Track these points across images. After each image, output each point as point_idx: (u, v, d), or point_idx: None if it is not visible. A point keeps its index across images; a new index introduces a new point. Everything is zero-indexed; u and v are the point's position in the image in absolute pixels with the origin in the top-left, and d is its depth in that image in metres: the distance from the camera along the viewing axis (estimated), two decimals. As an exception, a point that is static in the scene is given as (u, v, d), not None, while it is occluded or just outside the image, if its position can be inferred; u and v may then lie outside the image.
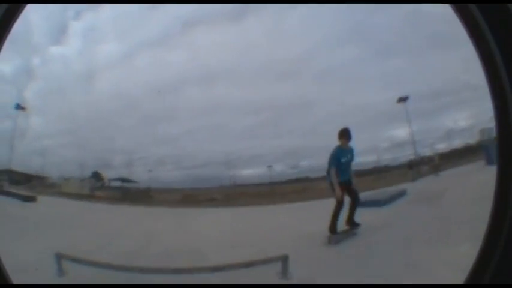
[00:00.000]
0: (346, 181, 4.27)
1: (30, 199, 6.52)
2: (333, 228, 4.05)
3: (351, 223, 4.20)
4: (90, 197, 6.65)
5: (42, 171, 6.62)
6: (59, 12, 5.98)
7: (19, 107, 6.05)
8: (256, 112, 5.36)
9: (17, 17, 1.00)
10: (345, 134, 4.37)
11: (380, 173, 5.61)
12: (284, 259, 3.24)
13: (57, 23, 6.00)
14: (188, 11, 5.21)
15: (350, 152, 4.42)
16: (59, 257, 3.67)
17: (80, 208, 6.44)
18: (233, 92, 5.37)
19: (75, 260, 3.64)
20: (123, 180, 6.61)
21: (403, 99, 4.69)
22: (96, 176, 6.75)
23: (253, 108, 5.24)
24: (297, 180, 5.69)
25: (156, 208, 5.99)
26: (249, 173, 5.81)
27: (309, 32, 4.80)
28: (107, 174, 6.58)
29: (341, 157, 4.33)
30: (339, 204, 4.11)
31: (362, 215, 4.29)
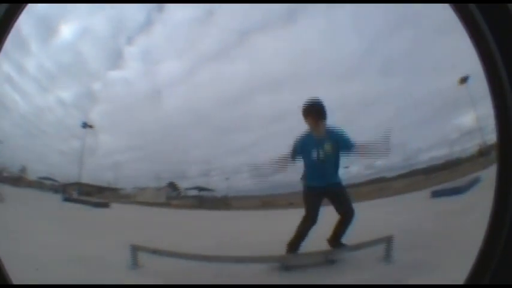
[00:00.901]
0: (321, 187, 2.86)
1: (102, 205, 6.59)
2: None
3: (335, 243, 2.86)
4: (166, 205, 6.79)
5: (114, 184, 6.86)
6: (110, 40, 6.24)
7: (86, 125, 6.23)
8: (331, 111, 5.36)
9: (17, 17, 1.00)
10: (311, 112, 2.81)
11: (452, 165, 5.41)
12: (388, 240, 2.70)
13: (110, 50, 6.27)
14: (239, 22, 5.36)
15: (328, 140, 2.80)
16: (135, 249, 3.60)
17: (156, 213, 6.55)
18: (300, 95, 5.39)
19: (150, 251, 3.49)
20: (199, 188, 6.69)
21: (464, 80, 4.44)
22: (172, 185, 6.89)
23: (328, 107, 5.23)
24: (374, 181, 5.54)
25: (234, 212, 6.09)
26: None
27: (360, 28, 4.84)
28: (183, 184, 6.78)
29: (307, 149, 2.84)
30: (305, 221, 2.84)
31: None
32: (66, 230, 5.53)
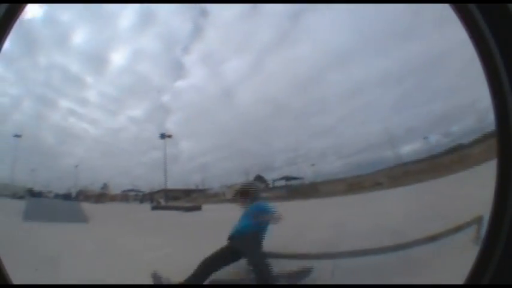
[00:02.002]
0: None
1: (193, 209, 6.60)
2: None
3: None
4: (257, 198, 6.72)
5: (202, 185, 6.89)
6: (166, 54, 6.34)
7: (164, 136, 6.37)
8: (397, 81, 5.06)
9: (17, 17, 1.00)
10: (241, 194, 3.79)
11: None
12: (479, 221, 2.80)
13: (170, 63, 6.36)
14: (284, 5, 5.24)
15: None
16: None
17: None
18: (366, 67, 5.13)
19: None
20: (287, 178, 6.67)
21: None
22: (260, 178, 6.85)
23: (394, 78, 4.95)
24: (454, 149, 5.36)
25: (323, 199, 5.97)
26: (407, 149, 5.55)
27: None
28: (271, 176, 6.74)
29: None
30: None
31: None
32: (163, 240, 5.42)
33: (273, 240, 4.66)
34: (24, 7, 1.02)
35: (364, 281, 3.05)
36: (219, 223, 5.90)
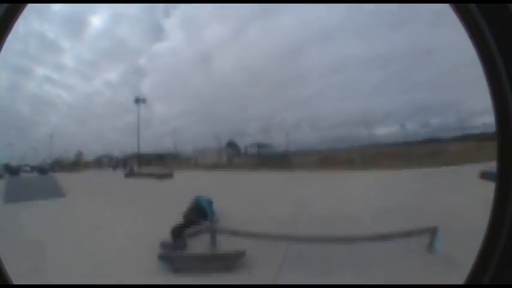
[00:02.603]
0: None
1: (166, 176, 6.60)
2: None
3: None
4: (228, 165, 6.69)
5: (174, 149, 6.85)
6: (145, 17, 6.21)
7: (138, 100, 6.34)
8: (383, 66, 5.02)
9: (17, 17, 1.00)
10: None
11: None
12: (433, 231, 3.04)
13: (148, 26, 6.25)
14: None
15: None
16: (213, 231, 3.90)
17: (219, 178, 6.51)
18: (353, 47, 5.09)
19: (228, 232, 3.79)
20: (259, 145, 6.62)
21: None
22: (232, 144, 6.85)
23: (380, 62, 4.92)
24: (429, 141, 5.35)
25: (294, 173, 5.96)
26: (383, 131, 5.56)
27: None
28: (243, 142, 6.70)
29: None
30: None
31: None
32: (137, 211, 5.48)
33: (236, 213, 4.75)
34: (24, 7, 1.01)
35: (304, 269, 3.15)
36: (189, 192, 6.00)
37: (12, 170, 6.55)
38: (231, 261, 3.37)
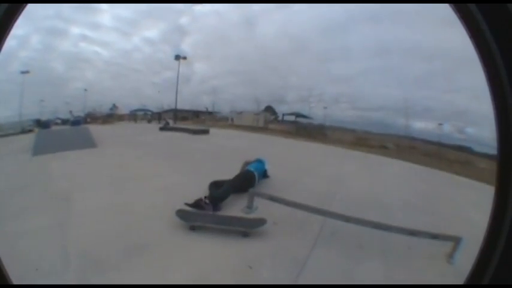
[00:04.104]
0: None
1: (201, 132, 6.52)
2: None
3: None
4: (263, 129, 6.62)
5: (211, 108, 6.79)
6: None
7: (179, 57, 6.28)
8: (428, 59, 4.88)
9: (17, 17, 1.00)
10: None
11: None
12: (457, 241, 2.94)
13: None
14: None
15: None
16: (252, 195, 3.74)
17: (255, 139, 6.40)
18: (400, 33, 4.94)
19: (266, 197, 3.61)
20: (297, 115, 6.60)
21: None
22: (270, 109, 6.82)
23: (426, 55, 4.79)
24: (461, 149, 5.28)
25: (329, 147, 5.88)
26: (420, 126, 5.48)
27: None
28: (281, 109, 6.66)
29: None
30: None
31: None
32: (171, 164, 5.30)
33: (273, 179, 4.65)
34: (24, 7, 1.01)
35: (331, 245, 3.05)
36: (227, 148, 5.90)
37: (42, 124, 6.41)
38: (251, 227, 3.24)
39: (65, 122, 6.66)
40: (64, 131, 6.47)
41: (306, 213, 3.41)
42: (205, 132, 6.38)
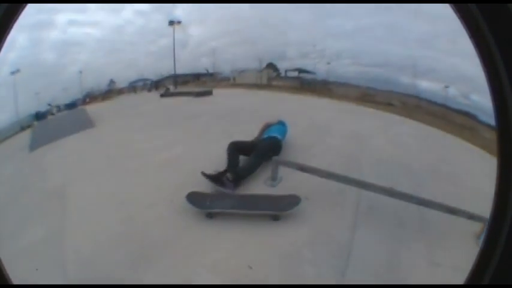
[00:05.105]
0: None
1: (204, 94, 6.34)
2: None
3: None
4: (267, 86, 6.49)
5: (212, 69, 6.62)
6: None
7: (173, 22, 6.17)
8: (434, 21, 4.73)
9: (17, 17, 1.00)
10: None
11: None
12: (486, 222, 2.78)
13: None
14: None
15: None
16: (276, 164, 3.30)
17: (260, 97, 6.20)
18: None
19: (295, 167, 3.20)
20: (300, 70, 6.46)
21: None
22: (272, 66, 6.68)
23: (432, 16, 4.63)
24: (467, 114, 5.15)
25: (335, 102, 5.72)
26: (425, 86, 5.36)
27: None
28: (283, 66, 6.51)
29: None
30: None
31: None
32: (176, 131, 4.90)
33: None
34: (24, 7, 1.01)
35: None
36: (233, 108, 5.75)
37: (39, 116, 6.25)
38: (282, 208, 2.76)
39: (61, 109, 6.43)
40: (60, 117, 6.21)
41: (336, 183, 2.94)
42: (208, 93, 6.17)
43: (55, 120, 6.16)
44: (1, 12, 0.94)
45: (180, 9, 6.19)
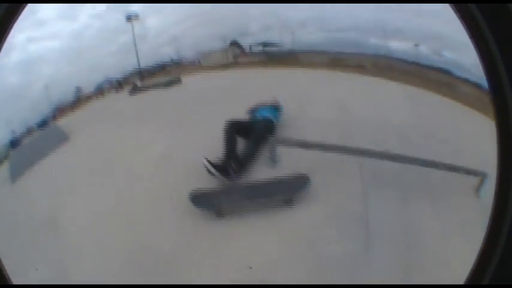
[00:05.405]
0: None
1: (174, 82, 6.14)
2: None
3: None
4: (234, 65, 6.36)
5: (176, 56, 6.55)
6: None
7: (130, 17, 6.11)
8: None
9: (17, 17, 1.00)
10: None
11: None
12: (483, 176, 2.65)
13: None
14: None
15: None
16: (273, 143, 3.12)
17: (230, 77, 5.97)
18: None
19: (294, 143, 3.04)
20: (264, 44, 6.36)
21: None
22: (236, 44, 6.59)
23: None
24: (441, 70, 5.09)
25: (306, 71, 5.57)
26: (395, 46, 5.28)
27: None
28: (246, 41, 6.40)
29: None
30: None
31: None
32: (154, 126, 4.59)
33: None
34: (24, 7, 1.02)
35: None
36: (205, 92, 5.56)
37: (15, 143, 6.15)
38: (293, 189, 2.55)
39: (35, 128, 6.34)
40: (34, 138, 6.04)
41: (335, 154, 2.82)
42: (177, 81, 6.05)
43: (30, 143, 5.99)
44: (1, 12, 0.94)
45: (135, 4, 6.16)
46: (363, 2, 4.54)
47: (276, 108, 4.12)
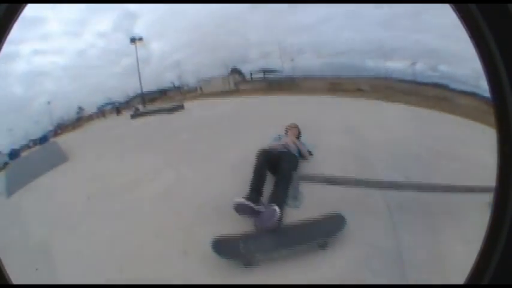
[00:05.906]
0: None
1: (176, 109, 6.16)
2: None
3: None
4: (235, 92, 6.44)
5: (178, 82, 6.62)
6: None
7: (134, 39, 6.16)
8: (392, 4, 4.75)
9: (17, 17, 1.00)
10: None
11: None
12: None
13: None
14: None
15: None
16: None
17: (231, 103, 5.95)
18: None
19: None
20: (265, 70, 6.42)
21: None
22: (237, 71, 6.65)
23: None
24: (438, 86, 5.12)
25: (308, 97, 5.55)
26: (392, 65, 5.33)
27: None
28: (247, 68, 6.47)
29: None
30: None
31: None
32: (157, 153, 4.32)
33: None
34: (24, 7, 1.02)
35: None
36: (209, 120, 5.27)
37: (13, 155, 6.16)
38: (329, 233, 2.31)
39: (35, 142, 6.36)
40: (33, 153, 5.95)
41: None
42: (180, 108, 6.08)
43: (29, 157, 5.95)
44: (1, 12, 0.94)
45: (139, 26, 6.26)
46: (363, 2, 4.54)
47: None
